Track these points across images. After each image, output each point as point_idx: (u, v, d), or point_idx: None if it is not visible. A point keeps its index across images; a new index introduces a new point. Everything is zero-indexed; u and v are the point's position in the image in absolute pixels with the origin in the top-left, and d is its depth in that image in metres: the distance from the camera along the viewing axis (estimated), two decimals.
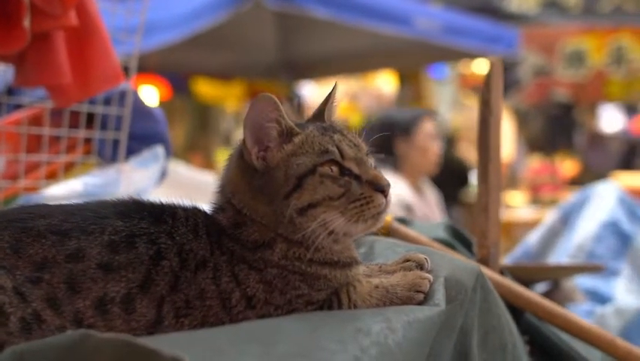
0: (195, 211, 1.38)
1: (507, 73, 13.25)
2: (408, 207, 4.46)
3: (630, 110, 15.33)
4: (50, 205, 1.37)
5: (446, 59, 11.11)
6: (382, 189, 1.33)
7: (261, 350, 1.03)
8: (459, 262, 1.56)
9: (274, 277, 1.29)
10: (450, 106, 13.55)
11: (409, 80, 12.80)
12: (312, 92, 13.54)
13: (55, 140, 2.48)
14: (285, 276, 1.29)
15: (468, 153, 9.11)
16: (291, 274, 1.29)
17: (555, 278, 2.85)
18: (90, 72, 2.24)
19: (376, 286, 1.35)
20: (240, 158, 1.37)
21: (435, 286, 1.39)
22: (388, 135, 4.67)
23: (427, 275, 1.39)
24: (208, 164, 10.76)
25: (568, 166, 12.20)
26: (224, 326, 1.24)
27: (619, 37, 12.32)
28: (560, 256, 3.29)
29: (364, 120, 9.49)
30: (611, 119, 14.80)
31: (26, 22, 2.02)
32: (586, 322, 2.05)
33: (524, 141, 13.39)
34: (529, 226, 6.54)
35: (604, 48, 12.34)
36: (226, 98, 11.84)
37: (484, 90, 2.09)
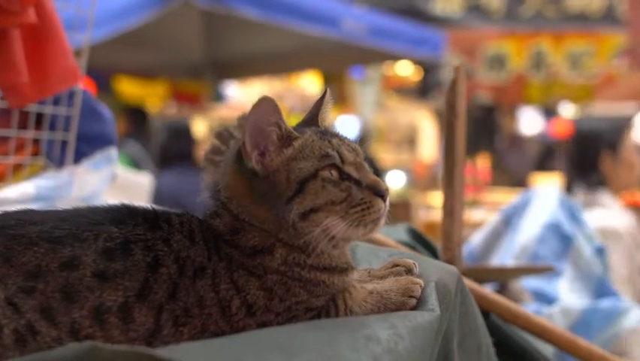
0: (189, 217, 1.34)
1: (429, 75, 13.49)
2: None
3: (549, 113, 15.74)
4: (40, 211, 1.31)
5: (371, 61, 11.20)
6: (382, 194, 1.31)
7: (283, 359, 1.01)
8: (441, 265, 1.56)
9: (274, 284, 1.26)
10: (373, 107, 13.66)
11: (333, 80, 12.86)
12: (236, 93, 13.51)
13: (3, 140, 2.39)
14: (285, 282, 1.26)
15: (380, 153, 9.19)
16: (291, 280, 1.27)
17: (504, 279, 2.90)
18: (47, 72, 2.16)
19: (371, 292, 1.34)
20: (237, 162, 1.34)
21: (427, 291, 1.38)
22: (591, 150, 4.52)
23: (419, 280, 1.38)
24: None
25: (487, 167, 12.42)
26: (241, 334, 1.20)
27: (538, 42, 12.60)
28: (504, 257, 3.34)
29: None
30: (530, 122, 15.16)
31: None
32: (548, 322, 2.09)
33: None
34: None
35: (524, 52, 12.60)
36: (149, 97, 11.69)
37: (449, 95, 2.11)
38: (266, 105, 1.30)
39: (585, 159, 4.49)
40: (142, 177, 3.80)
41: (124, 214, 1.29)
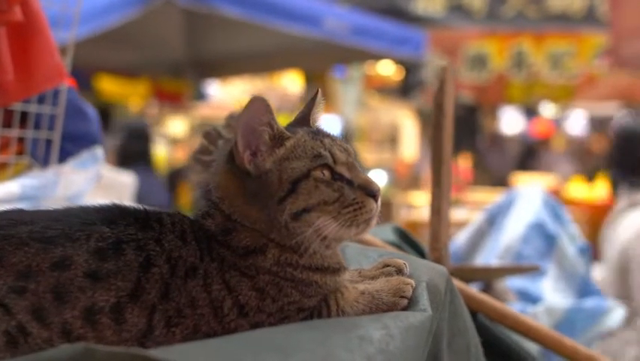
0: (180, 217, 1.33)
1: (411, 74, 13.51)
2: None
3: (529, 112, 15.82)
4: (31, 211, 1.29)
5: (353, 60, 11.21)
6: (374, 194, 1.31)
7: (279, 359, 1.01)
8: (431, 265, 1.56)
9: (267, 284, 1.25)
10: (355, 107, 13.65)
11: (315, 80, 12.84)
12: (217, 92, 13.48)
13: None
14: (278, 283, 1.26)
15: (361, 152, 9.18)
16: (283, 280, 1.26)
17: (489, 279, 2.90)
18: (33, 70, 2.15)
19: (362, 292, 1.33)
20: (229, 162, 1.33)
21: (418, 291, 1.38)
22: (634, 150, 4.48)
23: (410, 280, 1.38)
24: (111, 162, 10.53)
25: (469, 167, 12.46)
26: (236, 334, 1.20)
27: (520, 42, 12.65)
28: (488, 256, 3.35)
29: None
30: (511, 122, 15.23)
31: None
32: (535, 322, 2.10)
33: (428, 141, 13.60)
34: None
35: (505, 52, 12.65)
36: (130, 96, 11.63)
37: (437, 94, 2.11)
38: (258, 105, 1.29)
39: (628, 158, 4.49)
40: (125, 177, 3.77)
41: (115, 214, 1.28)
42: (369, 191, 1.31)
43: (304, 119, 1.45)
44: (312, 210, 1.27)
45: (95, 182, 2.51)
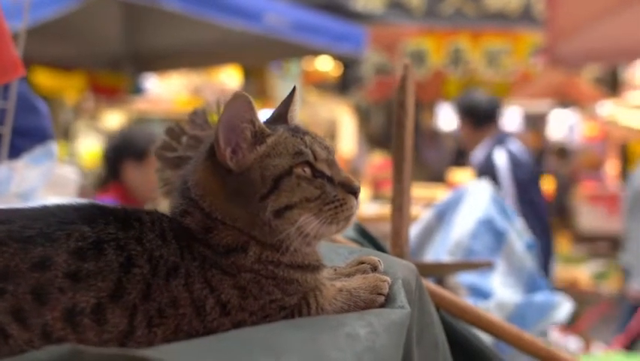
0: (159, 215, 1.31)
1: (349, 70, 13.57)
2: None
3: None
4: (8, 210, 1.25)
5: (293, 56, 11.17)
6: (354, 191, 1.32)
7: (272, 359, 1.00)
8: (401, 262, 1.57)
9: (248, 283, 1.24)
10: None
11: (253, 75, 12.81)
12: (154, 86, 13.34)
13: None
14: (259, 281, 1.25)
15: None
16: (265, 278, 1.25)
17: (442, 275, 2.93)
18: None
19: (340, 290, 1.33)
20: (209, 159, 1.31)
21: (395, 288, 1.39)
22: None
23: (386, 278, 1.38)
24: None
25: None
26: (225, 334, 1.18)
27: (457, 39, 12.83)
28: (438, 252, 3.38)
29: None
30: (448, 118, 15.39)
31: None
32: (495, 317, 2.13)
33: (366, 137, 13.71)
34: (373, 221, 6.68)
35: (443, 49, 12.80)
36: (65, 89, 11.43)
37: (399, 92, 2.12)
38: (241, 102, 1.28)
39: None
40: (70, 172, 3.71)
41: (95, 213, 1.25)
42: (350, 188, 1.32)
43: (281, 117, 1.44)
44: (294, 208, 1.26)
45: (47, 179, 2.46)
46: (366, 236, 2.28)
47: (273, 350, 1.04)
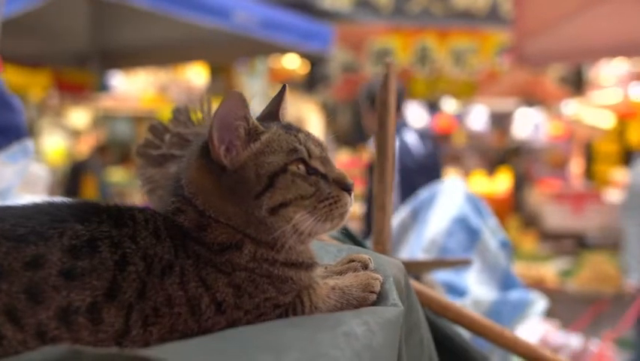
0: (151, 213, 1.29)
1: (316, 68, 13.56)
2: None
3: (432, 107, 16.10)
4: None
5: (260, 53, 11.17)
6: (348, 188, 1.32)
7: (273, 358, 0.99)
8: (391, 260, 1.57)
9: (243, 281, 1.23)
10: (260, 100, 13.62)
11: (220, 72, 12.76)
12: (120, 83, 13.25)
13: None
14: (254, 279, 1.24)
15: None
16: (260, 276, 1.25)
17: (419, 272, 2.94)
18: None
19: (333, 288, 1.33)
20: (203, 157, 1.30)
21: (387, 286, 1.39)
22: None
23: (377, 275, 1.39)
24: None
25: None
26: (225, 332, 1.17)
27: (424, 38, 12.87)
28: (413, 250, 3.39)
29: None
30: (414, 116, 15.44)
31: None
32: (477, 315, 2.14)
33: (332, 135, 13.69)
34: None
35: (409, 48, 12.84)
36: (30, 86, 11.31)
37: (381, 91, 2.12)
38: (235, 99, 1.27)
39: None
40: (39, 169, 3.68)
41: (88, 211, 1.23)
42: (344, 185, 1.31)
43: (271, 114, 1.43)
44: (289, 205, 1.26)
45: (23, 176, 2.43)
46: (346, 233, 2.29)
47: (273, 348, 1.03)
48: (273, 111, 1.44)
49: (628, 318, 6.23)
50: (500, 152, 15.28)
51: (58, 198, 1.32)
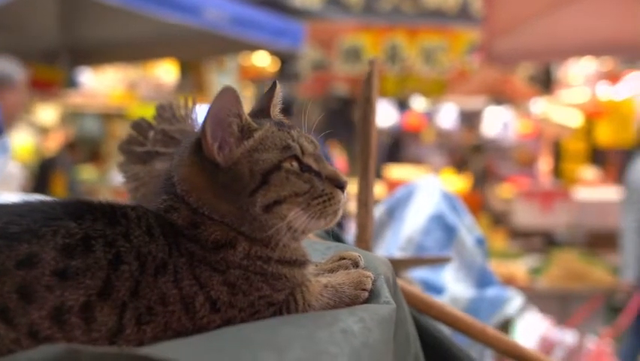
0: (143, 210, 1.28)
1: (286, 66, 13.56)
2: None
3: (402, 105, 16.17)
4: None
5: (231, 50, 11.12)
6: (341, 185, 1.32)
7: (275, 356, 0.99)
8: (379, 258, 1.57)
9: (237, 279, 1.23)
10: None
11: (190, 70, 12.72)
12: (89, 79, 13.15)
13: None
14: (248, 277, 1.23)
15: None
16: (254, 274, 1.24)
17: (397, 270, 2.94)
18: None
19: (325, 286, 1.33)
20: (195, 154, 1.29)
21: (378, 284, 1.39)
22: None
23: (369, 273, 1.38)
24: None
25: (344, 158, 12.63)
26: (224, 331, 1.16)
27: (394, 36, 12.92)
28: (390, 247, 3.39)
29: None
30: (384, 114, 15.51)
31: None
32: (459, 312, 2.15)
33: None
34: None
35: (380, 46, 12.88)
36: None
37: (365, 88, 2.13)
38: (229, 96, 1.26)
39: None
40: (13, 167, 3.64)
41: (81, 208, 1.22)
42: (337, 182, 1.31)
43: (262, 111, 1.42)
44: (283, 202, 1.26)
45: (2, 172, 2.41)
46: (329, 231, 2.29)
47: (274, 346, 1.03)
48: (264, 108, 1.43)
49: (627, 315, 6.30)
50: (467, 150, 15.41)
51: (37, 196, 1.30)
